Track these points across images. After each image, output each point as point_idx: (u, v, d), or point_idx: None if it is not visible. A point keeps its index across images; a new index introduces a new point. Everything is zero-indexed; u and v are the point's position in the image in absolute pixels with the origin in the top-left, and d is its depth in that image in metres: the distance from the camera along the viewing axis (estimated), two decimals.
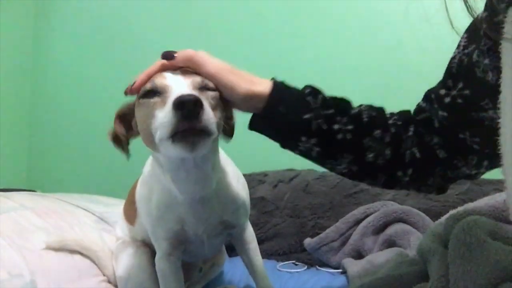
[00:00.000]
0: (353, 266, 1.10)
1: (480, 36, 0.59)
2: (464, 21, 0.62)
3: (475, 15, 0.58)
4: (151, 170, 0.81)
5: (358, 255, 1.21)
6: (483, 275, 0.51)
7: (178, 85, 0.64)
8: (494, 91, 0.46)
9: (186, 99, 0.57)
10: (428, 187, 0.73)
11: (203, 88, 0.66)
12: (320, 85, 0.72)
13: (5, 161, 2.03)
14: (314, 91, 0.70)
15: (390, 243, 1.17)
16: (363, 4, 1.66)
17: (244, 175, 0.93)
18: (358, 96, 0.75)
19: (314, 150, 0.70)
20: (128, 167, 0.74)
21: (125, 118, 0.73)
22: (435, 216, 1.19)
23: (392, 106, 0.76)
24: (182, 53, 0.69)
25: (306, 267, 1.27)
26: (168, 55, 0.69)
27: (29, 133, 2.22)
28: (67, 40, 2.18)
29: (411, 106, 0.75)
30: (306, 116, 0.68)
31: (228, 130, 0.73)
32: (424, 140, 0.69)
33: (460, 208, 0.73)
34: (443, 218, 0.74)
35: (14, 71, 2.14)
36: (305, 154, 0.72)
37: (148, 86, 0.65)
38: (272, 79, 0.71)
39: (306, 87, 0.71)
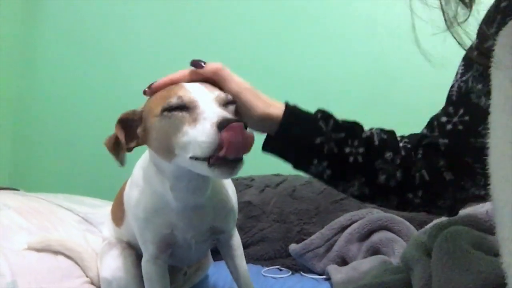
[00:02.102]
0: (338, 273, 1.11)
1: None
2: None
3: (467, 47, 0.59)
4: (143, 174, 0.81)
5: (343, 261, 1.22)
6: (466, 284, 0.52)
7: (207, 102, 0.63)
8: (486, 116, 0.47)
9: (236, 122, 0.57)
10: (439, 208, 0.75)
11: (226, 104, 0.66)
12: (306, 93, 0.73)
13: None
14: (325, 116, 0.72)
15: (374, 251, 1.18)
16: (351, 14, 1.68)
17: (231, 180, 0.93)
18: (344, 104, 0.76)
19: (326, 173, 0.72)
20: (113, 168, 0.73)
21: (127, 124, 0.71)
22: (419, 224, 1.20)
23: (378, 113, 0.77)
24: (211, 64, 0.69)
25: (290, 272, 1.27)
26: (197, 64, 0.69)
27: (13, 131, 2.19)
28: (54, 39, 2.15)
29: (396, 115, 0.77)
30: (318, 140, 0.69)
31: None
32: (432, 163, 0.71)
33: (443, 218, 0.74)
34: (427, 227, 0.75)
35: None
36: (318, 176, 0.73)
37: (174, 101, 0.63)
38: (285, 102, 0.72)
39: (318, 111, 0.72)
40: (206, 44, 1.81)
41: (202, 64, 0.69)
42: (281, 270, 1.30)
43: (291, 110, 0.71)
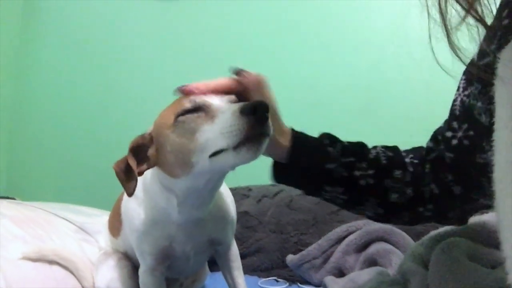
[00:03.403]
0: (335, 284, 1.10)
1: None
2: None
3: (467, 61, 0.59)
4: (143, 186, 0.80)
5: (340, 273, 1.21)
6: None
7: (220, 101, 0.63)
8: (488, 133, 0.47)
9: (259, 103, 0.58)
10: (449, 219, 0.75)
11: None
12: (303, 102, 0.73)
13: None
14: (332, 141, 0.72)
15: (371, 262, 1.17)
16: (348, 23, 1.70)
17: (229, 189, 0.93)
18: (340, 111, 0.76)
19: (339, 198, 0.72)
20: (110, 177, 0.73)
21: (138, 150, 0.69)
22: (416, 235, 1.20)
23: (374, 122, 0.77)
24: (254, 75, 0.68)
25: (287, 284, 1.26)
26: (240, 73, 0.67)
27: (9, 140, 2.19)
28: (51, 49, 2.17)
29: (392, 124, 0.77)
30: (328, 166, 0.69)
31: None
32: (440, 177, 0.71)
33: (440, 229, 0.74)
34: (424, 239, 0.75)
35: None
36: (332, 201, 0.74)
37: (188, 104, 0.63)
38: (291, 129, 0.72)
39: (324, 136, 0.72)
40: (202, 51, 1.82)
41: (245, 74, 0.67)
42: (277, 281, 1.29)
43: (298, 138, 0.70)
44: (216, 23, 1.88)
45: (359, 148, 0.73)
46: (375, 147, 0.74)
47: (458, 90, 0.68)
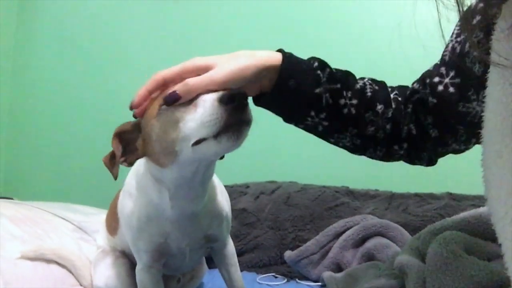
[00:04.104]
0: (332, 279, 1.11)
1: (472, 27, 0.58)
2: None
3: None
4: (136, 183, 0.80)
5: (338, 268, 1.22)
6: None
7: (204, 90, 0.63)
8: (479, 83, 0.47)
9: (237, 92, 0.58)
10: (420, 160, 0.76)
11: None
12: None
13: None
14: (322, 65, 0.70)
15: (369, 257, 1.18)
16: (354, 19, 1.70)
17: (226, 187, 0.93)
18: None
19: (321, 125, 0.71)
20: (107, 176, 0.73)
21: (125, 138, 0.70)
22: (413, 230, 1.21)
23: None
24: (187, 64, 0.66)
25: (286, 280, 1.27)
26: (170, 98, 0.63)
27: (7, 140, 2.18)
28: (48, 51, 2.16)
29: None
30: (317, 90, 0.68)
31: None
32: (420, 118, 0.72)
33: (437, 223, 0.75)
34: (421, 233, 0.75)
35: None
36: (311, 129, 0.73)
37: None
38: (280, 50, 0.69)
39: (313, 59, 0.71)
40: (202, 52, 1.81)
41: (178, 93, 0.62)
42: (276, 277, 1.30)
43: (288, 59, 0.68)
44: (216, 23, 1.87)
45: (345, 76, 0.72)
46: (362, 78, 0.74)
47: (451, 36, 0.68)
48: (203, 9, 1.88)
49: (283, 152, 1.69)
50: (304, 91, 0.68)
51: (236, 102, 0.58)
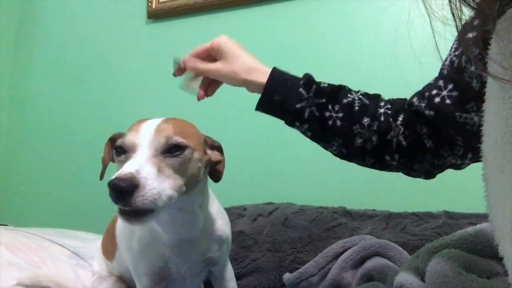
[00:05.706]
0: None
1: (469, 43, 0.59)
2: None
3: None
4: None
5: None
6: None
7: (140, 150, 0.64)
8: (477, 96, 0.48)
9: (116, 185, 0.57)
10: (416, 172, 0.78)
11: (169, 149, 0.65)
12: None
13: None
14: (308, 82, 0.78)
15: (368, 277, 1.17)
16: (349, 38, 1.73)
17: (223, 209, 0.93)
18: None
19: (307, 134, 0.80)
20: (104, 201, 0.73)
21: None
22: (412, 249, 1.20)
23: None
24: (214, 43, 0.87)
25: None
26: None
27: (2, 165, 2.17)
28: (44, 71, 2.18)
29: None
30: (298, 105, 0.77)
31: (216, 174, 0.74)
32: (415, 129, 0.73)
33: (435, 241, 0.75)
34: (420, 251, 0.75)
35: None
36: (304, 134, 0.81)
37: (119, 141, 0.66)
38: (273, 68, 0.81)
39: (303, 78, 0.79)
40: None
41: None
42: None
43: (274, 77, 0.79)
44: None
45: (335, 91, 0.78)
46: (356, 92, 0.79)
47: (450, 50, 0.70)
48: (202, 31, 1.91)
49: (280, 174, 1.69)
50: (288, 105, 0.78)
51: (115, 192, 0.58)
